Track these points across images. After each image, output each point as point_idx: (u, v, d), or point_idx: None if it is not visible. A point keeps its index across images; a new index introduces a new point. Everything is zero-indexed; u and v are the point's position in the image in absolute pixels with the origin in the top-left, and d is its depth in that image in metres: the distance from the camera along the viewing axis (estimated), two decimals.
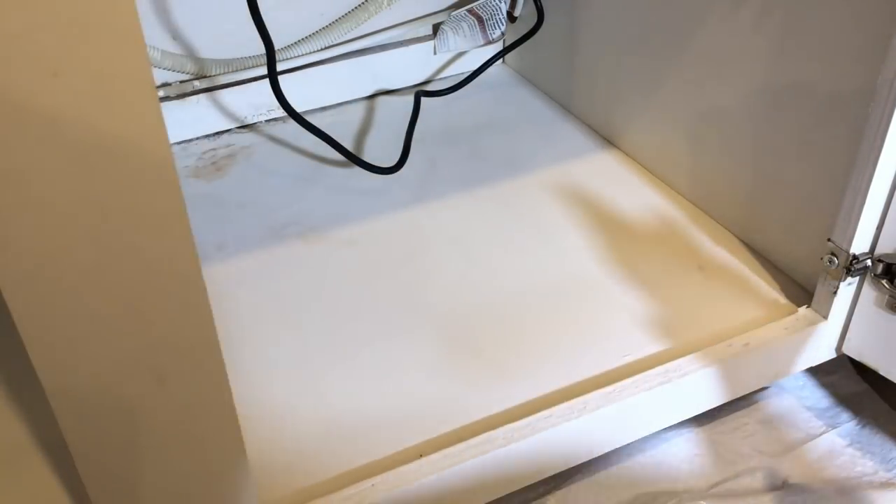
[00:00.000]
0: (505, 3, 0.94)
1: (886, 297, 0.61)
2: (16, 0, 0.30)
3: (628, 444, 0.64)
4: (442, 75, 1.01)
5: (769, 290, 0.69)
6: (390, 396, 0.60)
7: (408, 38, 0.97)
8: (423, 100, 0.91)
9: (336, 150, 0.83)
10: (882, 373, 0.65)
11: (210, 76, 0.88)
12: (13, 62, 0.31)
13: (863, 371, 0.75)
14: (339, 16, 0.91)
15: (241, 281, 0.72)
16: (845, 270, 0.61)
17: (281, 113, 0.88)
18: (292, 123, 0.82)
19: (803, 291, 0.68)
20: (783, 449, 0.69)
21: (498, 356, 0.64)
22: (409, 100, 0.91)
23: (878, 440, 0.70)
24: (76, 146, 0.33)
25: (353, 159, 0.83)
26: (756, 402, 0.72)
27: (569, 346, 0.64)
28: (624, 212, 0.79)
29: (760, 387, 0.70)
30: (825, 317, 0.64)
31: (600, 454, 0.61)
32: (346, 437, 0.58)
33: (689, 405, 0.64)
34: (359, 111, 0.95)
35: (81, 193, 0.34)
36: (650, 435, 0.64)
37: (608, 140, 0.89)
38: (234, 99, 0.91)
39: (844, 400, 0.73)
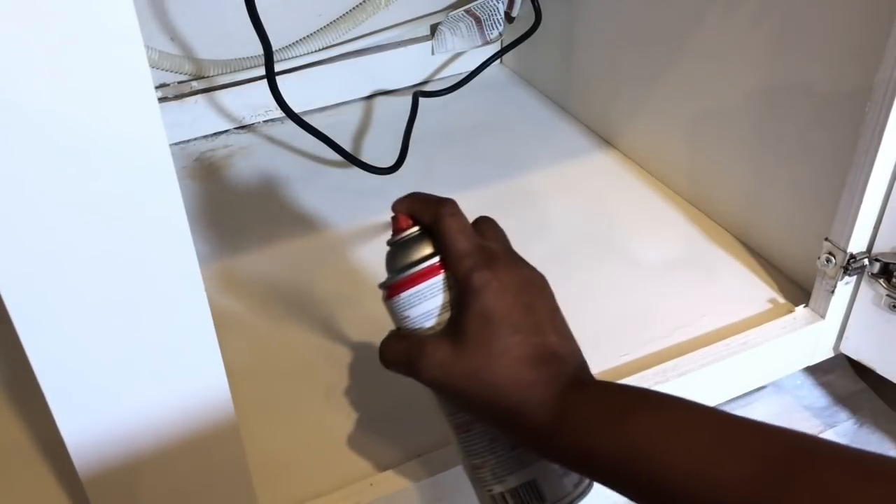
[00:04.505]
0: (502, 3, 0.94)
1: (884, 296, 0.61)
2: (15, 1, 0.30)
3: None
4: (440, 76, 1.01)
5: (767, 290, 0.69)
6: (389, 396, 0.60)
7: (406, 38, 0.97)
8: (421, 100, 0.91)
9: (334, 150, 0.83)
10: (880, 372, 0.65)
11: (208, 77, 0.88)
12: (12, 63, 0.31)
13: (860, 370, 0.75)
14: (337, 16, 0.91)
15: (239, 281, 0.72)
16: (843, 270, 0.61)
17: (279, 113, 0.88)
18: (290, 124, 0.82)
19: (801, 291, 0.68)
20: None
21: None
22: (407, 100, 0.91)
23: (875, 439, 0.70)
24: (75, 146, 0.33)
25: (351, 160, 0.83)
26: (754, 401, 0.73)
27: None
28: (621, 211, 0.79)
29: (758, 386, 0.70)
30: (823, 316, 0.65)
31: None
32: (345, 437, 0.58)
33: None
34: (357, 112, 0.96)
35: (81, 193, 0.34)
36: None
37: (606, 140, 0.89)
38: (232, 99, 0.91)
39: (842, 399, 0.74)
